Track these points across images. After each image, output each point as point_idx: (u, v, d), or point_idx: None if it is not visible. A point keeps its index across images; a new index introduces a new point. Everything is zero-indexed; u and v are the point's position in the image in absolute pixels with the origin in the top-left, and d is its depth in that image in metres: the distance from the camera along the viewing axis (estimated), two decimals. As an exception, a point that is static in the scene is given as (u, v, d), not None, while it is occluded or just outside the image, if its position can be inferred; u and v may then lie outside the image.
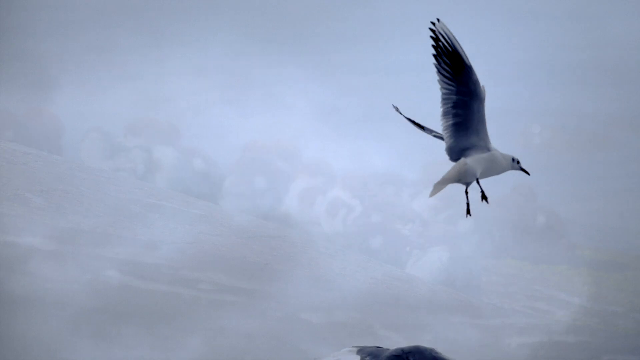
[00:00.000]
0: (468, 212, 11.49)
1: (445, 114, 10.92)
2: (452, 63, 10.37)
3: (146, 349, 18.80)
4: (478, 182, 11.15)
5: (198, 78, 24.47)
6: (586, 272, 21.45)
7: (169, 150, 23.17)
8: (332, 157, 24.31)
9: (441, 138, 11.67)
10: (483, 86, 10.62)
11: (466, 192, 11.22)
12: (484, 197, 11.32)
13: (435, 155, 24.30)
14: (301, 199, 22.85)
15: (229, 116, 24.22)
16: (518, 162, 11.71)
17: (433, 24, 9.98)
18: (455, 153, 11.20)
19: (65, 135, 22.56)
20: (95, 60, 24.22)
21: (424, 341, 20.44)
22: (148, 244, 20.73)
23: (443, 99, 10.88)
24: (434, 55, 10.19)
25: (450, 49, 10.37)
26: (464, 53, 10.24)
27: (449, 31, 10.06)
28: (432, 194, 11.37)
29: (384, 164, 24.07)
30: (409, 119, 11.78)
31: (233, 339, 19.85)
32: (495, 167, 11.47)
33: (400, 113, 11.78)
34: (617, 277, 20.95)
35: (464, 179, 11.18)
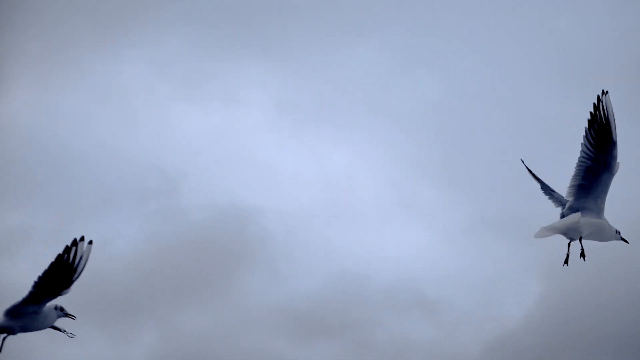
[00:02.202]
0: (566, 262, 11.84)
1: (576, 174, 11.43)
2: (601, 134, 11.07)
3: (101, 345, 18.71)
4: (580, 241, 11.43)
5: (154, 72, 24.33)
6: (541, 267, 21.66)
7: (125, 145, 23.02)
8: (290, 153, 24.31)
9: (549, 192, 12.06)
10: (618, 163, 11.16)
11: (569, 244, 11.53)
12: (582, 254, 11.77)
13: (395, 154, 24.13)
14: (259, 195, 22.83)
15: (186, 111, 24.10)
16: (619, 233, 12.35)
17: (599, 96, 10.64)
18: (570, 210, 11.56)
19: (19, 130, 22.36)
20: (50, 54, 23.94)
21: (379, 338, 20.55)
22: (103, 240, 20.58)
23: (579, 161, 11.36)
24: (588, 120, 10.76)
25: (604, 121, 11.09)
26: (615, 129, 10.87)
27: (610, 106, 10.77)
28: (538, 236, 11.63)
29: (342, 161, 24.12)
30: (533, 174, 12.28)
31: (189, 335, 19.80)
32: (603, 235, 11.88)
33: (527, 167, 12.29)
34: (572, 274, 21.17)
35: (570, 233, 11.48)
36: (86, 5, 23.61)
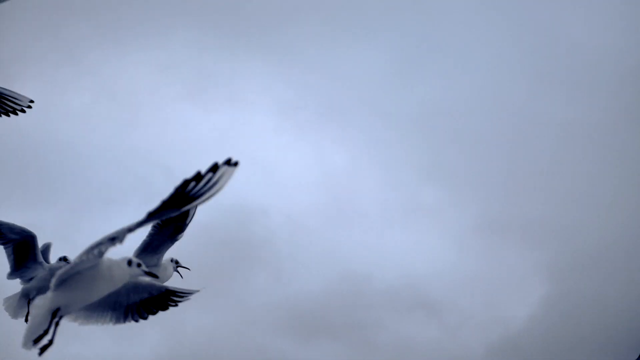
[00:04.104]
0: None
1: None
2: None
3: (105, 344, 18.72)
4: None
5: (159, 73, 24.37)
6: (545, 269, 21.70)
7: (130, 145, 23.06)
8: (294, 154, 24.36)
9: None
10: None
11: None
12: None
13: (399, 155, 24.12)
14: (263, 196, 22.87)
15: (191, 112, 24.15)
16: None
17: None
18: None
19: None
20: (55, 55, 23.99)
21: (382, 339, 20.59)
22: (108, 239, 20.57)
23: None
24: None
25: None
26: None
27: None
28: None
29: (345, 163, 24.17)
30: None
31: (192, 334, 19.83)
32: None
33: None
34: (576, 275, 21.22)
35: None
36: (92, 6, 23.66)
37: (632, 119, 22.85)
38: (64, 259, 13.12)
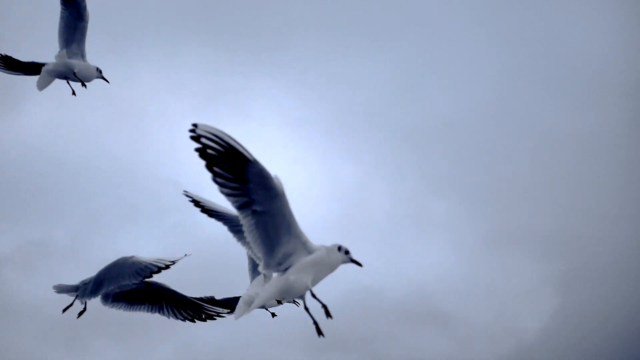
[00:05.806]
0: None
1: None
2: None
3: (116, 357, 18.75)
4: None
5: (168, 89, 24.46)
6: (557, 281, 21.66)
7: (141, 161, 23.12)
8: (302, 168, 24.39)
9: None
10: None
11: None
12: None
13: (409, 168, 24.17)
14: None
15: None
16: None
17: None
18: None
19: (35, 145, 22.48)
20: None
21: (394, 352, 20.54)
22: (119, 255, 20.65)
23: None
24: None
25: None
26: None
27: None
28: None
29: (354, 176, 24.17)
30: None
31: (203, 349, 19.83)
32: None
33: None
34: (588, 286, 21.17)
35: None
36: (100, 23, 23.78)
37: (634, 128, 22.85)
38: None
